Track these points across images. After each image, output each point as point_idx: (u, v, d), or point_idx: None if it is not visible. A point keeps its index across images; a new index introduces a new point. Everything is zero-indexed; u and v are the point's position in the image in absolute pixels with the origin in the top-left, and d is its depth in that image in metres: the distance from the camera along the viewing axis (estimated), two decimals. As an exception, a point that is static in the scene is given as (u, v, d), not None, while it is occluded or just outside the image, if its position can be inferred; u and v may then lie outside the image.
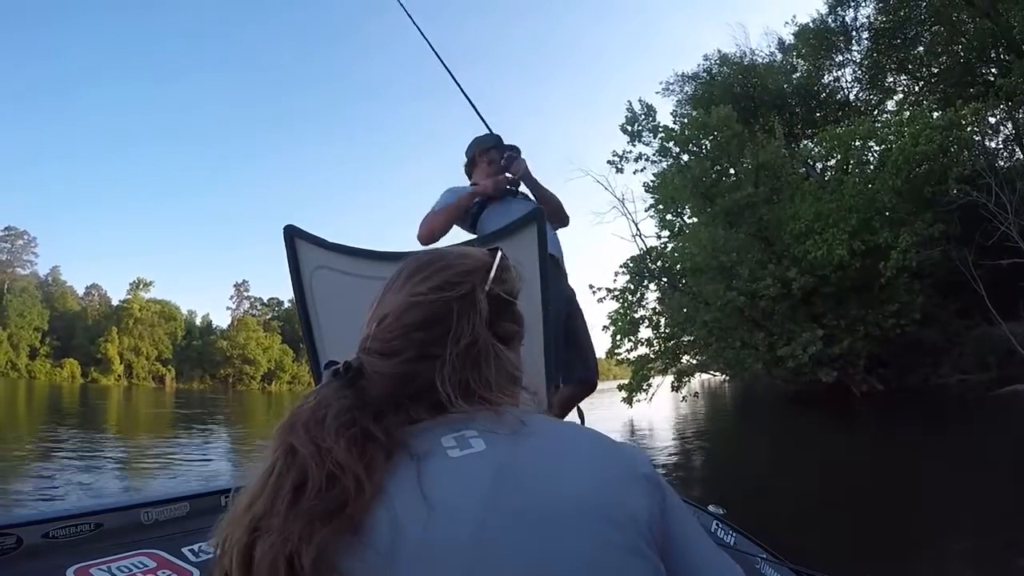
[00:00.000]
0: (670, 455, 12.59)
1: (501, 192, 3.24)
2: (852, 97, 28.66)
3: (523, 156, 3.30)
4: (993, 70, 22.74)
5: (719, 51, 29.15)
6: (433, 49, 3.55)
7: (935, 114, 19.56)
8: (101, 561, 2.08)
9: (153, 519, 2.56)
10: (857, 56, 27.41)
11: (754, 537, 3.01)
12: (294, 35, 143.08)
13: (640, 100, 23.07)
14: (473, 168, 3.48)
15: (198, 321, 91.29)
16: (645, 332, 22.61)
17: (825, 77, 28.59)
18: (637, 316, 22.44)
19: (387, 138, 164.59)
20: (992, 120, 21.29)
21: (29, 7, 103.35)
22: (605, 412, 18.79)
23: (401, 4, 3.71)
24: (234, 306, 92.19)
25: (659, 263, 23.17)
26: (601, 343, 21.64)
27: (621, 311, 22.18)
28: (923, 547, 5.63)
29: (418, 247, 3.04)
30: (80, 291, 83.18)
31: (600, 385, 3.37)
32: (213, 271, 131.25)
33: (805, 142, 26.62)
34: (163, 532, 2.48)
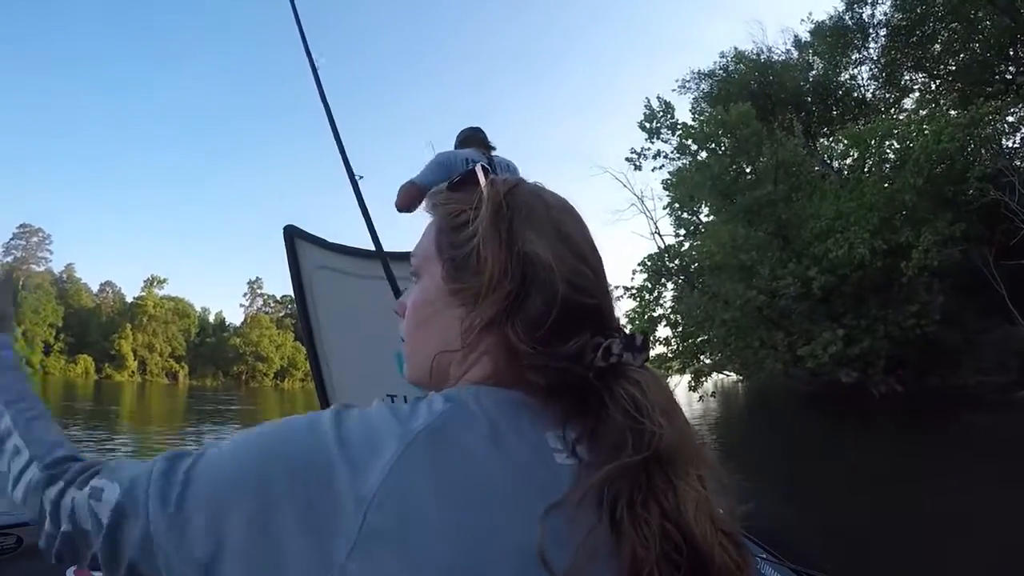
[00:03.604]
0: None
1: None
2: (869, 95, 28.37)
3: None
4: (1011, 68, 22.41)
5: (735, 48, 28.94)
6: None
7: (953, 112, 19.29)
8: (102, 561, 2.00)
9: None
10: (874, 54, 27.12)
11: (754, 537, 2.93)
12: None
13: (659, 97, 22.97)
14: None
15: (211, 318, 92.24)
16: (663, 331, 22.48)
17: (842, 75, 28.23)
18: (655, 315, 22.29)
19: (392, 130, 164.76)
20: (1011, 119, 20.96)
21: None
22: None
23: None
24: (247, 303, 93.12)
25: (676, 261, 23.01)
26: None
27: (638, 309, 22.04)
28: (924, 550, 5.54)
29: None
30: (94, 288, 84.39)
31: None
32: (227, 269, 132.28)
33: (822, 140, 26.39)
34: None
